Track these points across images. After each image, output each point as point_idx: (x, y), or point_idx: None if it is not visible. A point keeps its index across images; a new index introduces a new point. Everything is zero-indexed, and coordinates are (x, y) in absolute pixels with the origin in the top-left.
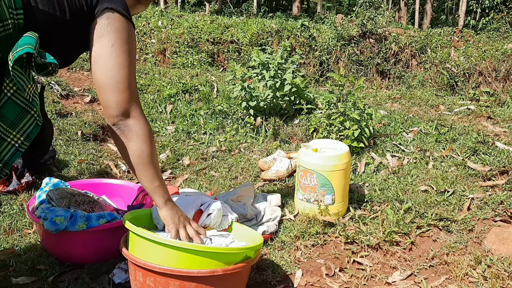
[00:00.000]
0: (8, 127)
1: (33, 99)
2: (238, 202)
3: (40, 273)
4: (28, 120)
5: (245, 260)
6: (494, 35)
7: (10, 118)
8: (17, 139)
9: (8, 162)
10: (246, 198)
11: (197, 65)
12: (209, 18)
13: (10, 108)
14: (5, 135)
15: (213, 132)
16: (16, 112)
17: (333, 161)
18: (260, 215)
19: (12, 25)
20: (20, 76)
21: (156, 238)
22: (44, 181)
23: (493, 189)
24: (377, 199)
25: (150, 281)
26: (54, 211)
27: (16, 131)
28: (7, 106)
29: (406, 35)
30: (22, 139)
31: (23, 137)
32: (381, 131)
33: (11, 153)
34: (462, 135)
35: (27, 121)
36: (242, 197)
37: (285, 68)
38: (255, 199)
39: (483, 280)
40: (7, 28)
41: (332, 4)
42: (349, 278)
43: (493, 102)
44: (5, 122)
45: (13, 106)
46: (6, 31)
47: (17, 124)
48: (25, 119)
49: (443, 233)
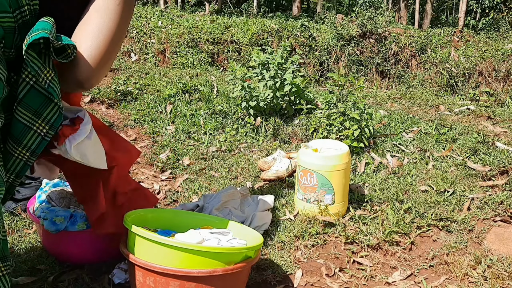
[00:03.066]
0: (33, 115)
1: (49, 85)
2: (223, 210)
3: (40, 273)
4: (52, 109)
5: (245, 260)
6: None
7: (34, 107)
8: (42, 127)
9: (35, 151)
10: (231, 202)
11: (197, 65)
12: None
13: (33, 97)
14: (31, 123)
15: (213, 132)
16: (40, 100)
17: (333, 161)
18: (247, 222)
19: (29, 11)
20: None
21: (156, 238)
22: (44, 181)
23: (493, 189)
24: (377, 199)
25: (150, 281)
26: (54, 211)
27: (41, 120)
28: (30, 95)
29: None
30: (47, 127)
31: (48, 126)
32: (381, 131)
33: (38, 141)
34: (462, 135)
35: (50, 109)
36: (227, 202)
37: (285, 68)
38: (246, 202)
39: (483, 280)
40: (24, 14)
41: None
42: (349, 278)
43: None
44: (29, 111)
45: (36, 95)
46: (23, 17)
47: (41, 113)
48: (49, 108)
49: (443, 233)
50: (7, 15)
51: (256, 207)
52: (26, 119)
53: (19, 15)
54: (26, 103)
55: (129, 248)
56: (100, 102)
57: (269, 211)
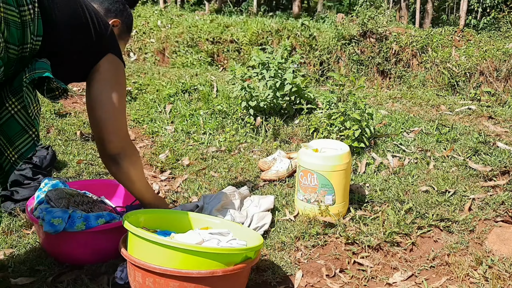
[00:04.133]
0: (7, 142)
1: (35, 118)
2: (223, 210)
3: (39, 273)
4: (25, 139)
5: (245, 261)
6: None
7: (9, 134)
8: (12, 155)
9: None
10: (231, 203)
11: (196, 65)
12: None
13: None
14: (4, 148)
15: (212, 132)
16: (16, 129)
17: (333, 161)
18: (247, 223)
19: (29, 49)
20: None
21: (155, 239)
22: (43, 182)
23: (494, 190)
24: (378, 199)
25: (150, 282)
26: (51, 212)
27: (12, 148)
28: (8, 123)
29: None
30: (16, 156)
31: (17, 154)
32: (382, 131)
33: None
34: (463, 135)
35: (24, 140)
36: (227, 203)
37: (285, 68)
38: (245, 202)
39: (484, 281)
40: (25, 51)
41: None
42: (349, 279)
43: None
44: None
45: (14, 124)
46: (23, 53)
47: (14, 142)
48: (22, 138)
49: (444, 234)
50: (14, 47)
51: (256, 208)
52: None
53: (21, 50)
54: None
55: (128, 248)
56: None
57: (269, 211)
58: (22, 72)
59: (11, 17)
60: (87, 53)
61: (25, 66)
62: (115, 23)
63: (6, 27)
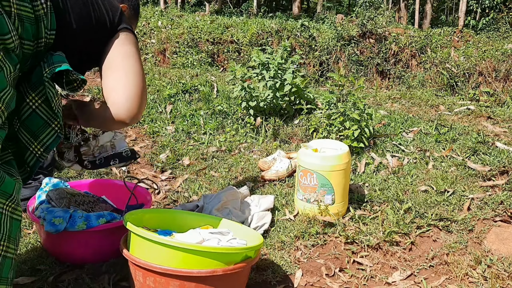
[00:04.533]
0: (31, 137)
1: (58, 111)
2: (223, 210)
3: (40, 273)
4: (48, 132)
5: (245, 260)
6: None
7: (33, 129)
8: (37, 149)
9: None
10: (231, 203)
11: (197, 65)
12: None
13: (33, 120)
14: (28, 144)
15: (213, 132)
16: (39, 124)
17: (333, 161)
18: (247, 222)
19: (44, 43)
20: (50, 89)
21: (156, 238)
22: (44, 181)
23: (493, 189)
24: (377, 199)
25: (150, 281)
26: (52, 212)
27: (37, 142)
28: (31, 118)
29: (406, 35)
30: (42, 150)
31: (43, 148)
32: (381, 131)
33: (34, 161)
34: (462, 135)
35: (47, 133)
36: (227, 202)
37: (285, 68)
38: (245, 202)
39: (483, 280)
40: (40, 45)
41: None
42: (349, 278)
43: (493, 102)
44: (28, 132)
45: (37, 118)
46: (39, 47)
47: (38, 136)
48: (46, 132)
49: (443, 233)
50: (29, 43)
51: (256, 207)
52: (25, 139)
53: (36, 45)
54: (26, 125)
55: (128, 248)
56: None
57: (269, 211)
58: (38, 67)
59: (24, 13)
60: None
61: (40, 60)
62: (123, 8)
63: (20, 23)
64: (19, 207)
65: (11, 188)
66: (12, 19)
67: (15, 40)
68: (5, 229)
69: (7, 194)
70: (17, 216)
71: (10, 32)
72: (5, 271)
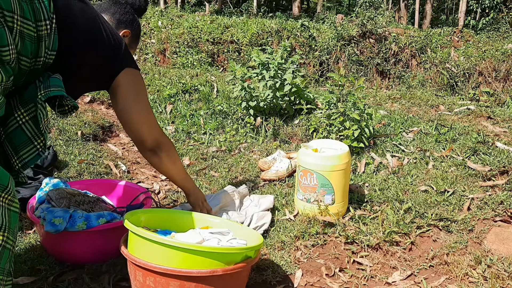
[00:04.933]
0: (12, 150)
1: (45, 131)
2: (222, 211)
3: (40, 273)
4: (29, 149)
5: (245, 260)
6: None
7: (15, 143)
8: (16, 163)
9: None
10: (231, 203)
11: (197, 65)
12: (209, 18)
13: (18, 135)
14: (10, 156)
15: (213, 132)
16: (22, 139)
17: (333, 161)
18: (247, 222)
19: (42, 62)
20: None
21: (156, 238)
22: (44, 181)
23: (493, 189)
24: (377, 199)
25: (150, 281)
26: (52, 212)
27: (17, 157)
28: (16, 132)
29: (406, 35)
30: (20, 165)
31: (21, 164)
32: (381, 131)
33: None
34: (462, 135)
35: (28, 150)
36: (227, 203)
37: (285, 68)
38: (245, 202)
39: (483, 280)
40: (38, 64)
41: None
42: (349, 278)
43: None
44: (11, 145)
45: (21, 134)
46: (36, 65)
47: (19, 151)
48: (27, 148)
49: (443, 233)
50: (26, 59)
51: (255, 207)
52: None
53: (33, 63)
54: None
55: (128, 248)
56: (100, 102)
57: (269, 211)
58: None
59: (26, 31)
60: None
61: (36, 78)
62: (126, 34)
63: (20, 40)
64: (15, 199)
65: (6, 180)
66: (14, 35)
67: (12, 54)
68: (4, 220)
69: (3, 186)
70: (14, 208)
71: (9, 46)
72: (2, 262)
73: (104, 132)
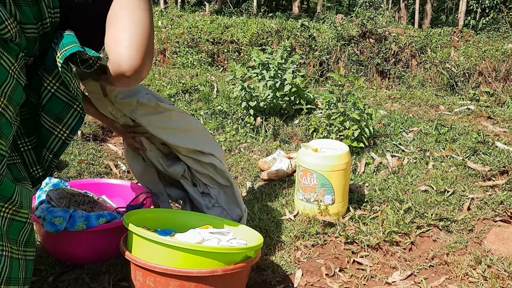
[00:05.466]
0: (55, 121)
1: (77, 93)
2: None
3: (40, 273)
4: (72, 114)
5: (245, 260)
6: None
7: (55, 113)
8: (63, 132)
9: (57, 153)
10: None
11: (197, 65)
12: (209, 18)
13: (54, 104)
14: (52, 128)
15: (213, 132)
16: (61, 107)
17: (333, 161)
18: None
19: (50, 23)
20: (66, 73)
21: (156, 238)
22: (44, 181)
23: (493, 189)
24: (377, 199)
25: (150, 281)
26: (52, 212)
27: (62, 125)
28: (51, 102)
29: (406, 35)
30: (68, 132)
31: (68, 130)
32: (381, 131)
33: (59, 145)
34: (462, 135)
35: (71, 115)
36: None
37: (285, 68)
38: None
39: (483, 280)
40: (46, 26)
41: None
42: (349, 278)
43: (493, 102)
44: (51, 117)
45: (58, 102)
46: (44, 29)
47: (62, 118)
48: (69, 113)
49: (443, 233)
50: (31, 26)
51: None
52: (48, 124)
53: (41, 27)
54: (48, 109)
55: (128, 248)
56: None
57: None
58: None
59: None
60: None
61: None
62: None
63: (17, 8)
64: (23, 209)
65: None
66: (8, 6)
67: (12, 29)
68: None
69: (5, 198)
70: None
71: (5, 22)
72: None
73: (104, 132)
